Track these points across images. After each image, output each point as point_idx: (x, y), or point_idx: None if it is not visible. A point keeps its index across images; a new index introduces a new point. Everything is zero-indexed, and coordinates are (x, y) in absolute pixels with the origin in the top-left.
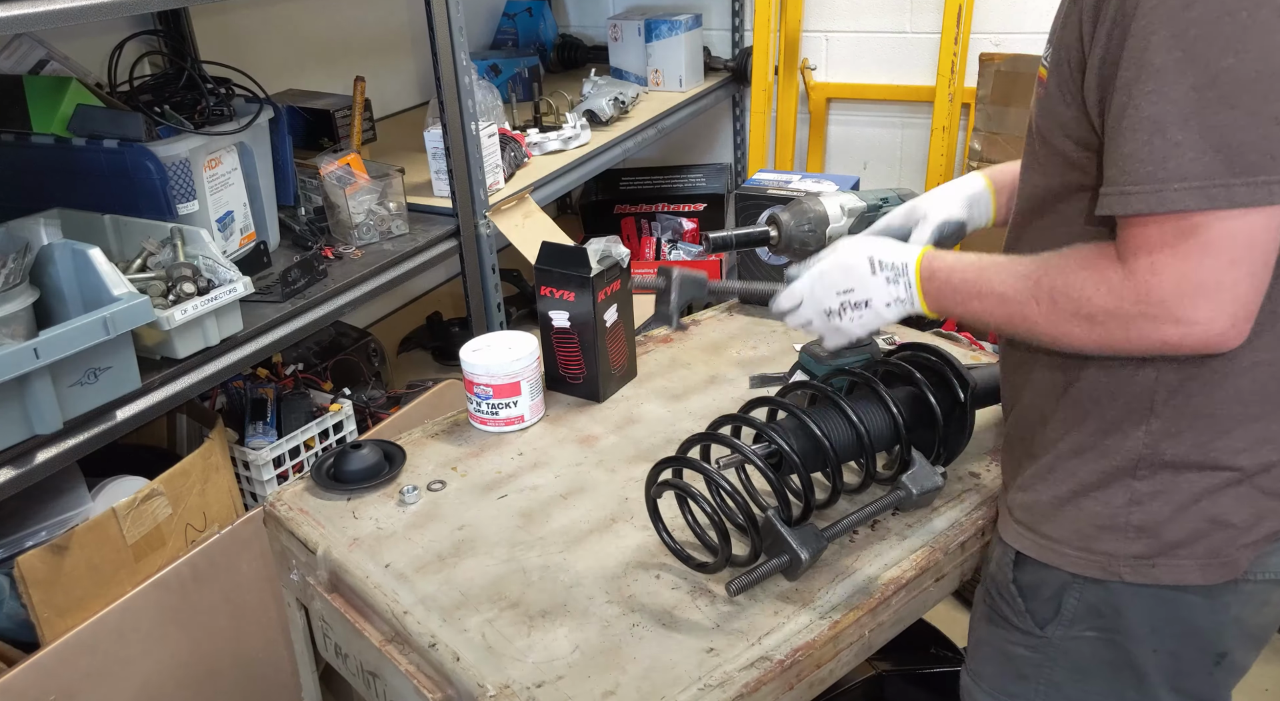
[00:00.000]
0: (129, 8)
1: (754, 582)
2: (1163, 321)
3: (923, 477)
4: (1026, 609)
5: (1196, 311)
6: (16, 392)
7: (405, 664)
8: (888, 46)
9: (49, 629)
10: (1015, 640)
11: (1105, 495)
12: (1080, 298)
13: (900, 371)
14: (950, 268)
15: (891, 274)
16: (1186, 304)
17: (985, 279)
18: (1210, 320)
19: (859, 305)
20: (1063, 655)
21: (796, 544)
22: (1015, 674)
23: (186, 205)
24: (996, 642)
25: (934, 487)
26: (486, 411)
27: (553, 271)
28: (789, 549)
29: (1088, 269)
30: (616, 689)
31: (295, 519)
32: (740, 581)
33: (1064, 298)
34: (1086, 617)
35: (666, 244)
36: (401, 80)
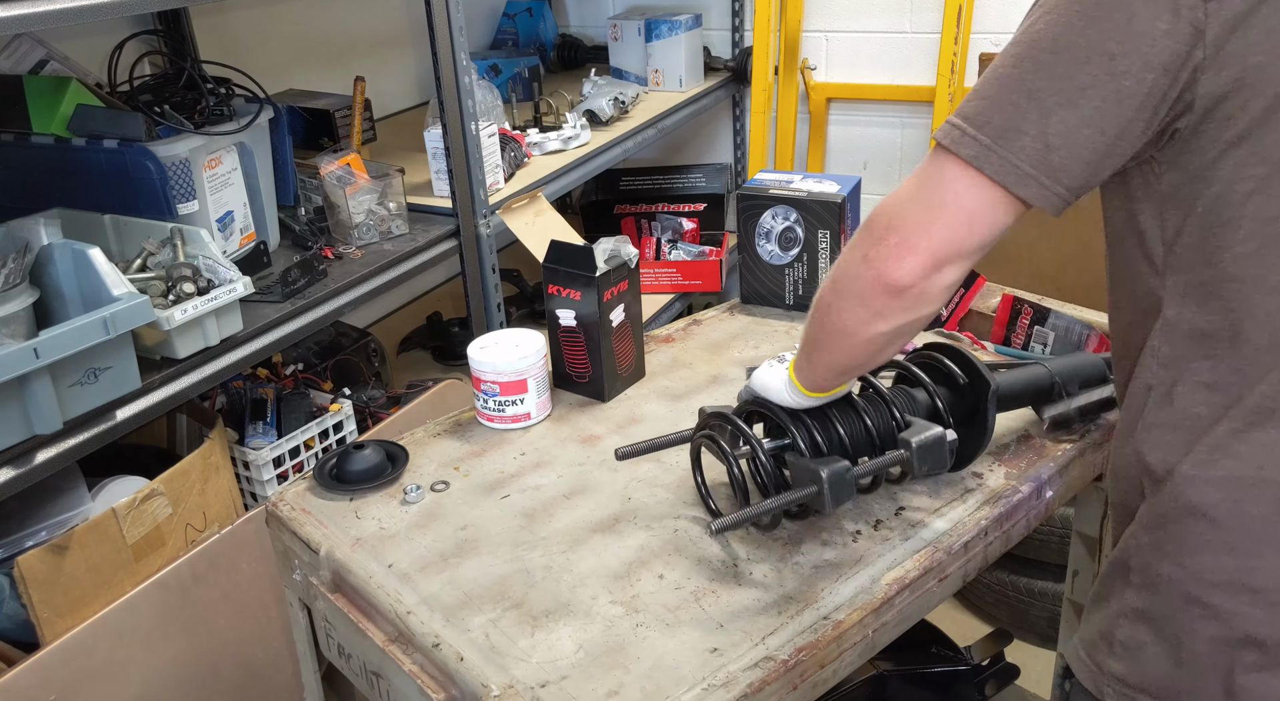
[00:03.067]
0: (129, 8)
1: (758, 514)
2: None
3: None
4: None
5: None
6: (16, 392)
7: (409, 664)
8: (888, 46)
9: (49, 629)
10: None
11: (1105, 596)
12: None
13: (911, 373)
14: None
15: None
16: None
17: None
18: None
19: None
20: None
21: (818, 466)
22: None
23: (186, 205)
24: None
25: (936, 438)
26: (493, 408)
27: (559, 270)
28: (812, 474)
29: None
30: (620, 688)
31: (298, 519)
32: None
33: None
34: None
35: (666, 244)
36: (401, 80)
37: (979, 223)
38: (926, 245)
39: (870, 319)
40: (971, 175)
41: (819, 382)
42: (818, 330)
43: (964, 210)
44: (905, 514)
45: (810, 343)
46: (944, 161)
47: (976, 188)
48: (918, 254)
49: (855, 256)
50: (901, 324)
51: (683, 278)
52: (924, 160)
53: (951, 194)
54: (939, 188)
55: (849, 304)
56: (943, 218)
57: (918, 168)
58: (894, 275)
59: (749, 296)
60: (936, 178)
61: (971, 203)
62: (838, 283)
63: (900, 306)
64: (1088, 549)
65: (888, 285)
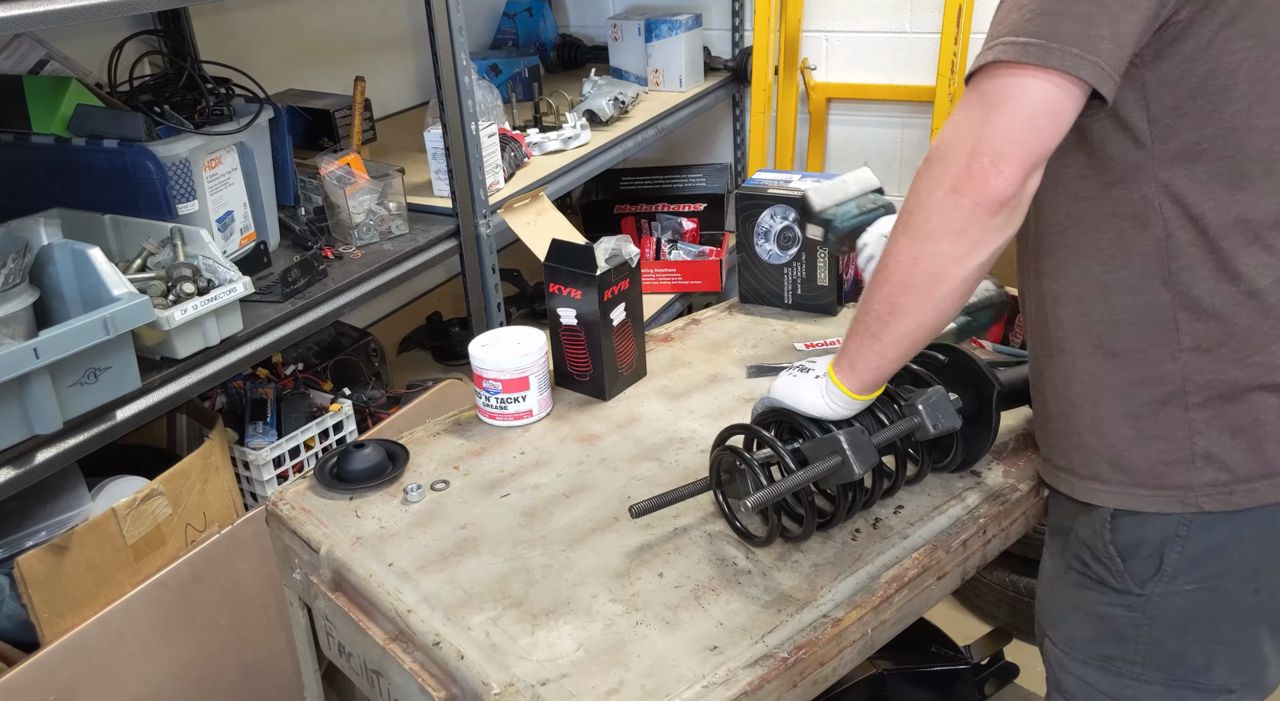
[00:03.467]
0: (129, 8)
1: (789, 488)
2: (932, 163)
3: (939, 409)
4: (1125, 569)
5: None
6: (16, 392)
7: (409, 662)
8: (888, 46)
9: (49, 629)
10: (1112, 601)
11: (1164, 429)
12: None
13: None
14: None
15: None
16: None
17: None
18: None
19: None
20: (1163, 611)
21: (834, 432)
22: (1113, 636)
23: (186, 205)
24: (1089, 607)
25: (938, 395)
26: (495, 406)
27: (560, 269)
28: (830, 443)
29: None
30: (620, 686)
31: (298, 518)
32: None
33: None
34: (1188, 570)
35: (666, 244)
36: (401, 80)
37: (1060, 122)
38: (1019, 153)
39: (969, 251)
40: (1059, 79)
41: (880, 372)
42: (898, 294)
43: (1047, 113)
44: (904, 512)
45: (880, 320)
46: (1018, 75)
47: (1066, 90)
48: (1013, 163)
49: (940, 192)
50: (996, 247)
51: (683, 277)
52: (974, 88)
53: (1033, 101)
54: (1020, 100)
55: (943, 243)
56: (1031, 125)
57: (969, 97)
58: (995, 190)
59: (748, 296)
60: (1014, 92)
61: (1060, 102)
62: (922, 226)
63: (998, 224)
64: None
65: (990, 203)
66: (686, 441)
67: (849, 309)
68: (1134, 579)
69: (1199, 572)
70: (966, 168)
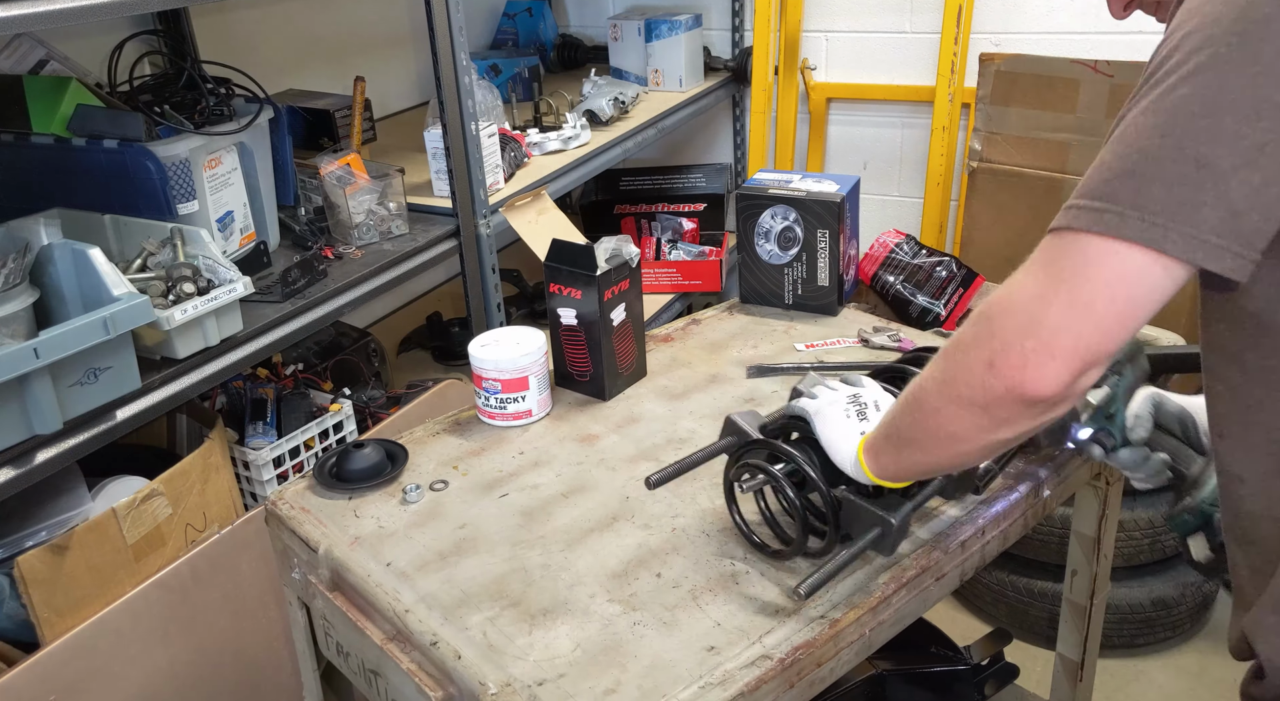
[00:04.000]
0: (129, 8)
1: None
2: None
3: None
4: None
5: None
6: (16, 392)
7: (407, 662)
8: (888, 46)
9: (49, 629)
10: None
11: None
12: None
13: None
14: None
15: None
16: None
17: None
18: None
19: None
20: None
21: (881, 510)
22: None
23: (186, 205)
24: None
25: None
26: (495, 406)
27: (560, 269)
28: (874, 518)
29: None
30: (618, 687)
31: (297, 517)
32: (816, 579)
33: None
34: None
35: (666, 244)
36: (401, 80)
37: (1141, 309)
38: (1074, 348)
39: (992, 427)
40: (1140, 256)
41: (900, 477)
42: (916, 432)
43: (1122, 299)
44: None
45: (902, 441)
46: (1092, 246)
47: (1146, 270)
48: (1063, 359)
49: (976, 361)
50: (1029, 429)
51: (683, 277)
52: (1045, 250)
53: (1106, 283)
54: (1088, 278)
55: (966, 412)
56: (1094, 313)
57: (1038, 258)
58: (1034, 387)
59: (748, 296)
60: (1081, 266)
61: (1139, 288)
62: (949, 387)
63: (1034, 414)
64: (1086, 549)
65: (1024, 397)
66: (686, 442)
67: (849, 309)
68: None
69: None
70: (1009, 346)
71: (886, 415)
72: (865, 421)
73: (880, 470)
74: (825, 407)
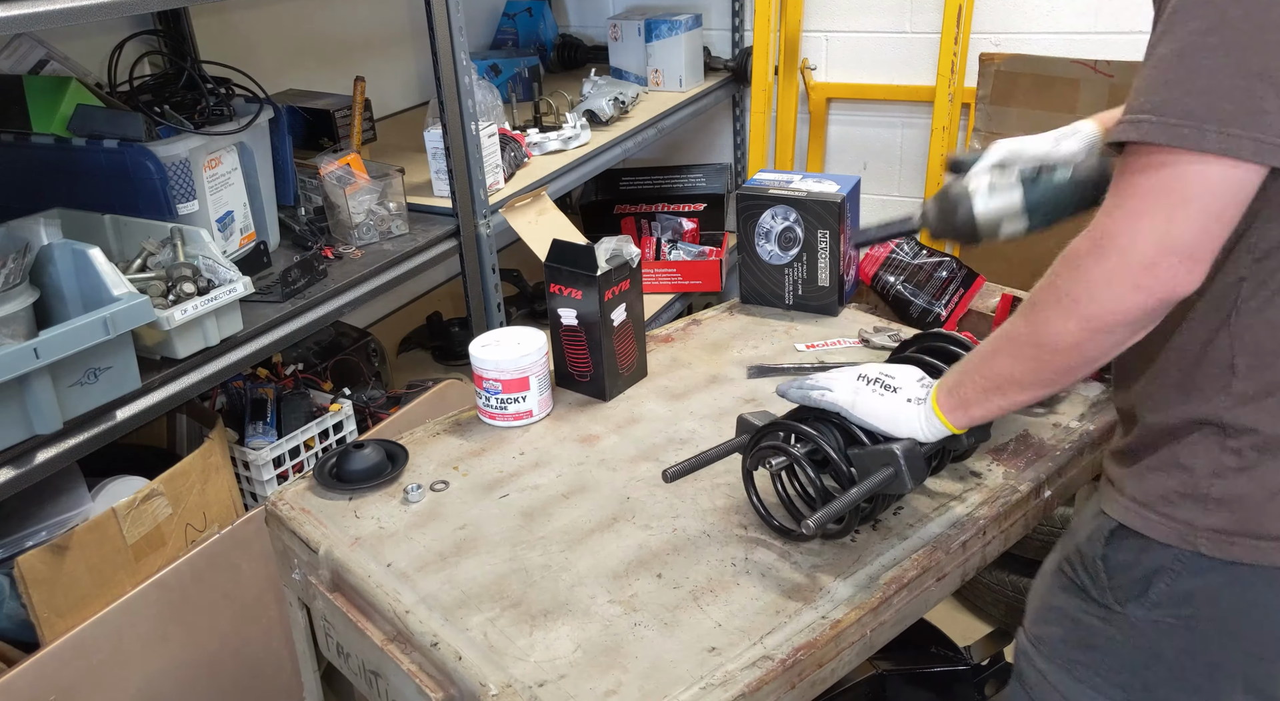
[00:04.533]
0: (129, 8)
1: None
2: (1107, 253)
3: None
4: (1109, 585)
5: (1137, 246)
6: (16, 392)
7: (407, 663)
8: (888, 46)
9: (49, 629)
10: (1091, 611)
11: (1191, 462)
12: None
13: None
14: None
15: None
16: (1129, 237)
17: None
18: (1153, 258)
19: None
20: (1139, 635)
21: (889, 446)
22: (1083, 643)
23: (186, 205)
24: (1069, 610)
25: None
26: (495, 406)
27: (561, 269)
28: (884, 456)
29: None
30: (619, 687)
31: (297, 518)
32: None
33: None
34: (1172, 605)
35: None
36: (401, 80)
37: (1235, 205)
38: (1210, 248)
39: (1133, 335)
40: (1229, 170)
41: (989, 418)
42: (1044, 371)
43: (1232, 203)
44: (904, 513)
45: (1014, 384)
46: (1188, 166)
47: (1238, 179)
48: (1205, 261)
49: (1121, 287)
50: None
51: (683, 278)
52: (1133, 174)
53: (1217, 194)
54: (1204, 193)
55: (1117, 333)
56: (1221, 219)
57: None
58: (1186, 288)
59: (748, 296)
60: (1190, 186)
61: (1235, 193)
62: (1094, 318)
63: (1166, 311)
64: None
65: (1178, 298)
66: (686, 442)
67: (850, 309)
68: (1115, 595)
69: (1183, 610)
70: (1153, 266)
71: (974, 372)
72: (897, 391)
73: (969, 420)
74: (854, 398)
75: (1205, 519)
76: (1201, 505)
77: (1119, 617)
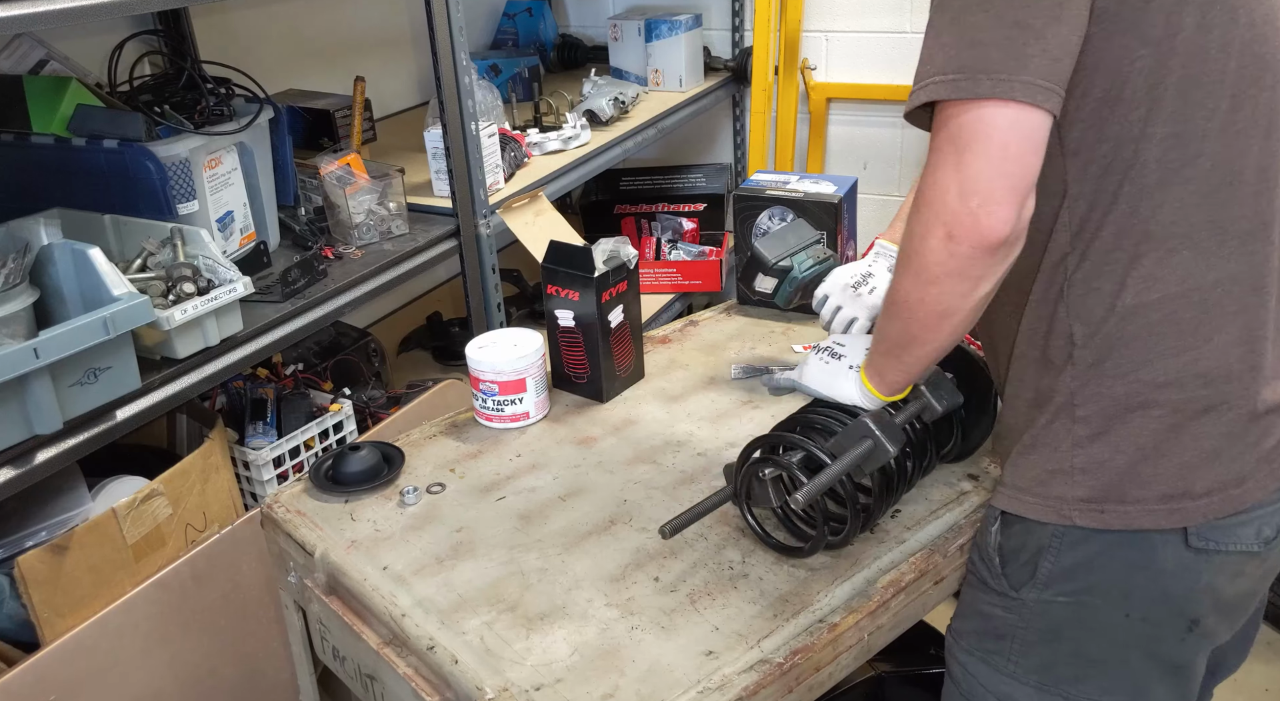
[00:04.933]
0: (129, 8)
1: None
2: (920, 209)
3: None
4: (1003, 572)
5: (940, 196)
6: (16, 392)
7: (403, 666)
8: (888, 46)
9: (49, 629)
10: (993, 601)
11: (1053, 439)
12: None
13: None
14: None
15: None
16: (933, 191)
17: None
18: (955, 206)
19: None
20: (1036, 617)
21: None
22: (993, 633)
23: (186, 205)
24: (977, 603)
25: (956, 404)
26: (492, 408)
27: (558, 270)
28: (861, 430)
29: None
30: (615, 691)
31: (293, 521)
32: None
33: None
34: (1060, 581)
35: (666, 244)
36: (401, 80)
37: (1032, 146)
38: (1009, 186)
39: (973, 288)
40: (1007, 110)
41: (908, 380)
42: (911, 331)
43: (1015, 141)
44: (901, 516)
45: (900, 347)
46: (969, 113)
47: (1017, 119)
48: (1005, 200)
49: (936, 242)
50: (1000, 276)
51: (683, 278)
52: (934, 137)
53: (998, 133)
54: (983, 135)
55: (946, 286)
56: (1006, 157)
57: (936, 146)
58: (991, 231)
59: (746, 297)
60: (973, 130)
61: (1018, 132)
62: (922, 275)
63: (1000, 258)
64: None
65: (990, 244)
66: (684, 444)
67: None
68: (1010, 582)
69: (1070, 585)
70: (957, 213)
71: (874, 339)
72: (841, 359)
73: (889, 386)
74: (803, 367)
75: (1074, 491)
76: (1069, 477)
77: (1017, 603)
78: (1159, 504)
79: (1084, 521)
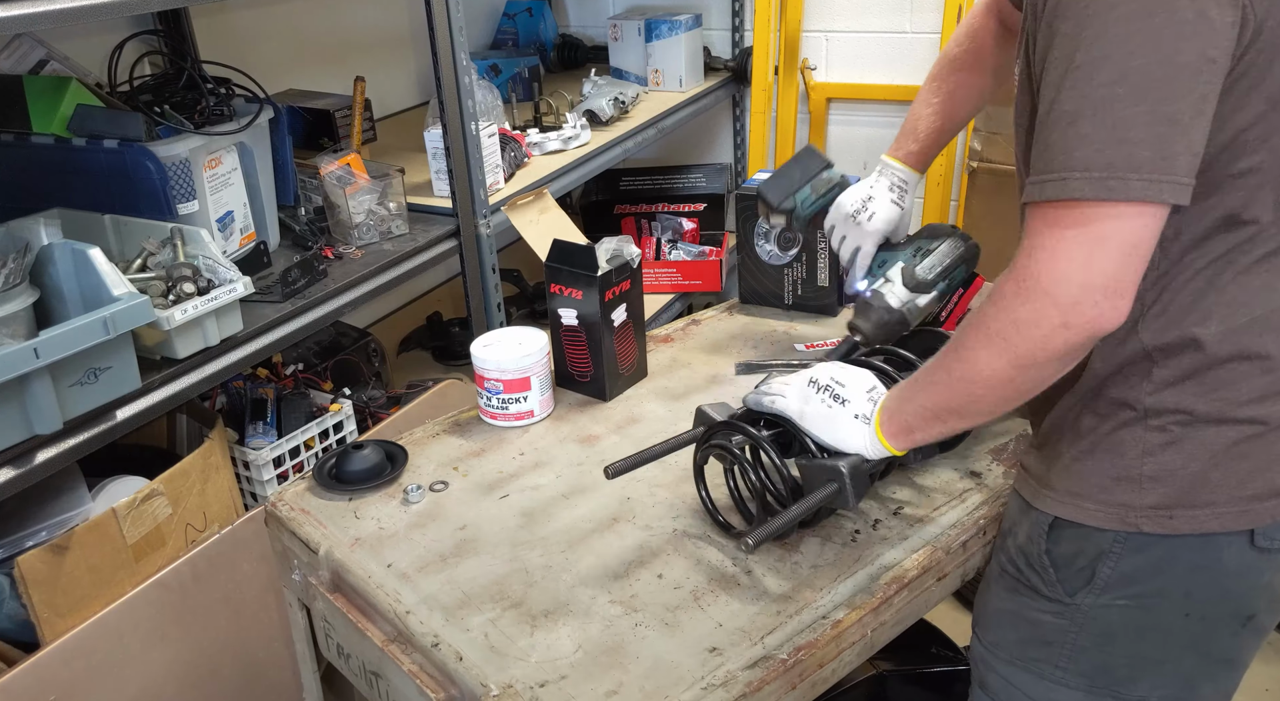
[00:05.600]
0: (129, 8)
1: (787, 523)
2: (1033, 294)
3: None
4: (1058, 579)
5: (1062, 286)
6: (16, 392)
7: (408, 663)
8: (888, 46)
9: (49, 629)
10: (1042, 608)
11: (1119, 447)
12: (980, 317)
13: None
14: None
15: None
16: (1051, 278)
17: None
18: (1077, 297)
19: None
20: (1091, 621)
21: (835, 462)
22: (1039, 640)
23: (186, 205)
24: (1020, 611)
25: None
26: (496, 406)
27: (561, 269)
28: (829, 472)
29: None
30: (619, 688)
31: (297, 519)
32: (762, 531)
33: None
34: (1120, 586)
35: (666, 244)
36: (401, 80)
37: (1150, 242)
38: (1130, 283)
39: (1060, 370)
40: (1148, 210)
41: (936, 440)
42: (983, 403)
43: (1148, 238)
44: (903, 513)
45: (952, 412)
46: (1109, 211)
47: (1153, 216)
48: (1128, 293)
49: (1048, 327)
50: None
51: (683, 277)
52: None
53: (1135, 233)
54: (1120, 234)
55: (1048, 369)
56: (1137, 254)
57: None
58: (1111, 323)
59: (748, 296)
60: (1112, 228)
61: (1151, 230)
62: (1024, 356)
63: (1093, 344)
64: None
65: (1105, 332)
66: None
67: (848, 310)
68: (1065, 588)
69: (1131, 590)
70: (1078, 304)
71: (914, 399)
72: (845, 404)
73: (911, 443)
74: (804, 407)
75: (1142, 498)
76: (1136, 485)
77: (1071, 609)
78: (1229, 507)
79: (1151, 528)
